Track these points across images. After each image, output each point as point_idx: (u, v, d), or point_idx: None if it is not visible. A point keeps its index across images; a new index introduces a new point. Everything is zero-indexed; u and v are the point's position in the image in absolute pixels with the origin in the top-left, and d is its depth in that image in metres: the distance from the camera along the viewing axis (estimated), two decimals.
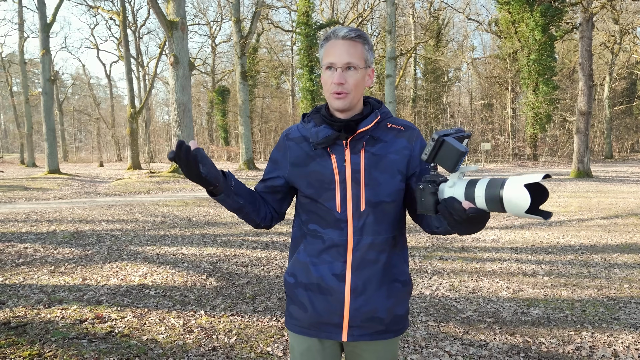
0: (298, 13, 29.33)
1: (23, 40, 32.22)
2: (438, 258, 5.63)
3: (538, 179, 1.00)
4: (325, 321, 1.41)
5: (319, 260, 1.41)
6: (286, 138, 1.49)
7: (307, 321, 1.43)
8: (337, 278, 1.38)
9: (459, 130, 1.21)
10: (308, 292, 1.42)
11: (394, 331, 1.45)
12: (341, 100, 1.35)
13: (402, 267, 1.46)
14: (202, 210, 9.60)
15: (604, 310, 3.82)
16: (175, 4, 16.80)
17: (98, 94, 51.88)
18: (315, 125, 1.41)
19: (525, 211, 1.02)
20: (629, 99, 37.82)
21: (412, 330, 3.41)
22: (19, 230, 7.28)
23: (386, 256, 1.40)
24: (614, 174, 19.02)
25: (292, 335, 1.50)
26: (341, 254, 1.38)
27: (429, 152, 1.18)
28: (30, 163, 32.99)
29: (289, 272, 1.50)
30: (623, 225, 7.54)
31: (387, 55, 21.27)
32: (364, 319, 1.39)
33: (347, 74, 1.34)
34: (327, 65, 1.36)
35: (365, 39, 1.37)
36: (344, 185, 1.37)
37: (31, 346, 3.00)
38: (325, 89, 1.39)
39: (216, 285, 4.51)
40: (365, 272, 1.38)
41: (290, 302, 1.49)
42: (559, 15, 25.20)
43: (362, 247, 1.37)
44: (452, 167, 1.15)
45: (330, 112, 1.43)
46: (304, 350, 1.47)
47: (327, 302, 1.39)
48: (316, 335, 1.44)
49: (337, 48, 1.34)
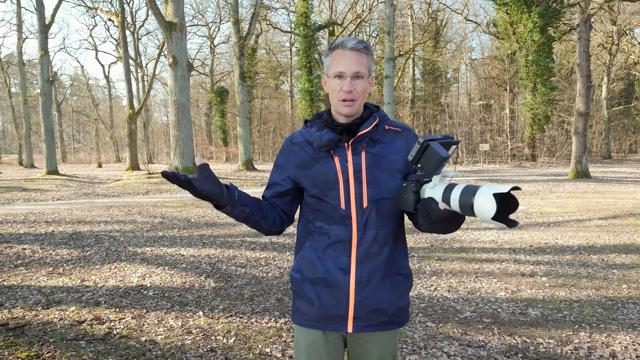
0: (297, 14, 29.36)
1: (22, 41, 32.18)
2: (436, 259, 5.63)
3: (505, 190, 1.08)
4: (331, 314, 1.48)
5: (325, 255, 1.49)
6: (290, 143, 1.58)
7: (314, 314, 1.50)
8: (343, 271, 1.46)
9: (447, 137, 1.30)
10: (315, 286, 1.50)
11: (397, 323, 1.53)
12: (350, 107, 1.46)
13: (403, 261, 1.55)
14: (200, 211, 9.60)
15: (602, 310, 3.83)
16: (173, 5, 16.80)
17: (97, 95, 51.82)
18: (318, 129, 1.52)
19: (492, 218, 1.11)
20: (626, 99, 37.90)
21: (411, 331, 3.41)
22: (17, 231, 7.27)
23: (389, 250, 1.49)
24: (612, 175, 19.06)
25: (297, 329, 1.56)
26: (346, 249, 1.46)
27: (414, 155, 1.30)
28: (29, 164, 32.93)
29: (295, 268, 1.57)
30: (621, 225, 7.55)
31: (386, 56, 21.29)
32: (369, 310, 1.47)
33: (356, 82, 1.45)
34: (336, 74, 1.46)
35: (370, 50, 1.48)
36: (347, 184, 1.46)
37: (29, 347, 3.00)
38: (332, 95, 1.48)
39: (215, 286, 4.51)
40: (369, 265, 1.46)
41: (297, 297, 1.55)
42: (557, 16, 25.24)
43: (365, 242, 1.46)
44: (434, 170, 1.27)
45: (332, 117, 1.53)
46: (309, 343, 1.53)
47: (333, 295, 1.47)
48: (322, 328, 1.50)
49: (346, 58, 1.45)
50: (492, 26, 32.77)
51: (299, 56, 30.55)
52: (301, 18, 29.07)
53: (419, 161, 1.30)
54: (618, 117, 38.12)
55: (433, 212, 1.24)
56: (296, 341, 1.57)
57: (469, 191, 1.16)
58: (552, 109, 27.70)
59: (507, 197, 1.16)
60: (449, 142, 1.30)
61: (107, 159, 46.73)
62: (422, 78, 39.32)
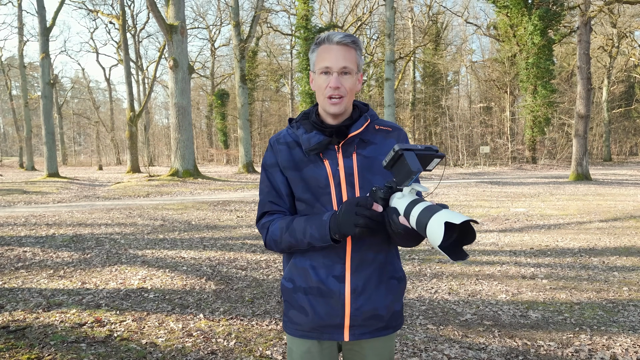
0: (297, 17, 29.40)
1: (23, 44, 32.28)
2: (437, 261, 5.63)
3: (458, 221, 1.03)
4: (326, 323, 1.42)
5: (318, 264, 1.42)
6: (277, 142, 1.48)
7: (308, 325, 1.44)
8: (337, 280, 1.40)
9: (429, 148, 1.22)
10: (308, 296, 1.43)
11: (393, 327, 1.49)
12: (337, 105, 1.38)
13: (396, 263, 1.50)
14: (201, 214, 9.60)
15: (602, 313, 3.82)
16: (174, 8, 16.84)
17: (97, 98, 51.92)
18: (306, 131, 1.43)
19: (439, 246, 1.07)
20: (627, 102, 37.88)
21: (411, 334, 3.41)
22: (18, 233, 7.28)
23: (383, 255, 1.44)
24: (613, 177, 19.05)
25: (290, 338, 1.51)
26: (340, 256, 1.40)
27: (387, 161, 1.23)
28: (30, 166, 32.98)
29: (287, 277, 1.50)
30: (622, 228, 7.55)
31: (386, 59, 21.32)
32: (365, 317, 1.42)
33: (343, 78, 1.37)
34: (322, 70, 1.38)
35: (358, 44, 1.40)
36: (339, 188, 1.39)
37: (30, 350, 3.00)
38: (319, 93, 1.40)
39: (215, 288, 4.50)
40: (364, 272, 1.41)
41: (290, 307, 1.49)
42: (557, 18, 25.29)
43: (360, 248, 1.40)
44: (402, 181, 1.21)
45: (320, 118, 1.45)
46: (302, 352, 1.48)
47: (328, 305, 1.41)
48: (317, 338, 1.45)
49: (332, 53, 1.37)
50: (492, 29, 32.82)
51: (300, 59, 30.57)
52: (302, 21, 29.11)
53: (392, 168, 1.24)
54: (618, 120, 38.12)
55: (393, 224, 1.21)
56: (289, 350, 1.52)
57: (428, 212, 1.11)
58: (552, 111, 27.72)
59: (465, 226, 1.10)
60: (430, 155, 1.22)
61: (107, 161, 46.77)
62: (422, 81, 39.35)
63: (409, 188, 1.23)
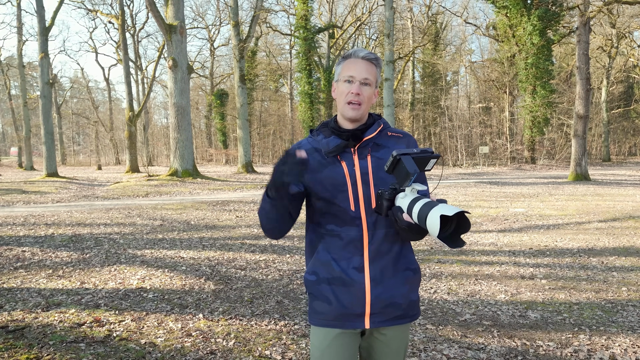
0: (296, 17, 29.43)
1: (22, 44, 32.24)
2: (436, 261, 5.63)
3: (450, 213, 1.18)
4: (349, 312, 1.54)
5: (339, 256, 1.56)
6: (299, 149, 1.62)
7: (332, 314, 1.56)
8: (357, 270, 1.53)
9: (425, 151, 1.39)
10: (331, 285, 1.56)
11: (410, 316, 1.61)
12: (355, 110, 1.56)
13: (411, 256, 1.63)
14: (200, 214, 9.60)
15: (601, 313, 3.83)
16: (174, 8, 16.84)
17: (96, 97, 51.86)
18: (325, 137, 1.61)
19: (437, 236, 1.22)
20: (626, 102, 37.94)
21: (411, 334, 3.41)
22: (17, 233, 7.27)
23: (398, 247, 1.57)
24: (612, 177, 19.08)
25: (315, 330, 1.60)
26: (358, 248, 1.54)
27: (388, 166, 1.40)
28: (29, 166, 32.96)
29: (310, 271, 1.62)
30: (621, 228, 7.56)
31: (385, 59, 21.32)
32: (384, 305, 1.54)
33: (363, 88, 1.56)
34: (346, 79, 1.57)
35: (379, 63, 1.61)
36: (355, 186, 1.54)
37: (29, 350, 3.00)
38: (340, 99, 1.59)
39: (214, 288, 4.50)
40: (381, 262, 1.55)
41: (314, 299, 1.60)
42: (557, 19, 25.31)
43: (376, 240, 1.54)
44: (402, 183, 1.38)
45: (338, 124, 1.63)
46: (325, 343, 1.57)
47: (350, 294, 1.53)
48: (341, 327, 1.56)
49: (357, 65, 1.57)
50: (491, 29, 32.83)
51: (299, 59, 30.61)
52: (301, 21, 29.14)
53: (392, 172, 1.40)
54: (617, 120, 38.17)
55: (399, 221, 1.37)
56: (312, 343, 1.61)
57: (428, 207, 1.25)
58: (551, 111, 27.74)
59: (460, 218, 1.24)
60: (426, 157, 1.38)
61: (106, 161, 46.74)
62: (421, 81, 39.38)
63: (410, 188, 1.37)
